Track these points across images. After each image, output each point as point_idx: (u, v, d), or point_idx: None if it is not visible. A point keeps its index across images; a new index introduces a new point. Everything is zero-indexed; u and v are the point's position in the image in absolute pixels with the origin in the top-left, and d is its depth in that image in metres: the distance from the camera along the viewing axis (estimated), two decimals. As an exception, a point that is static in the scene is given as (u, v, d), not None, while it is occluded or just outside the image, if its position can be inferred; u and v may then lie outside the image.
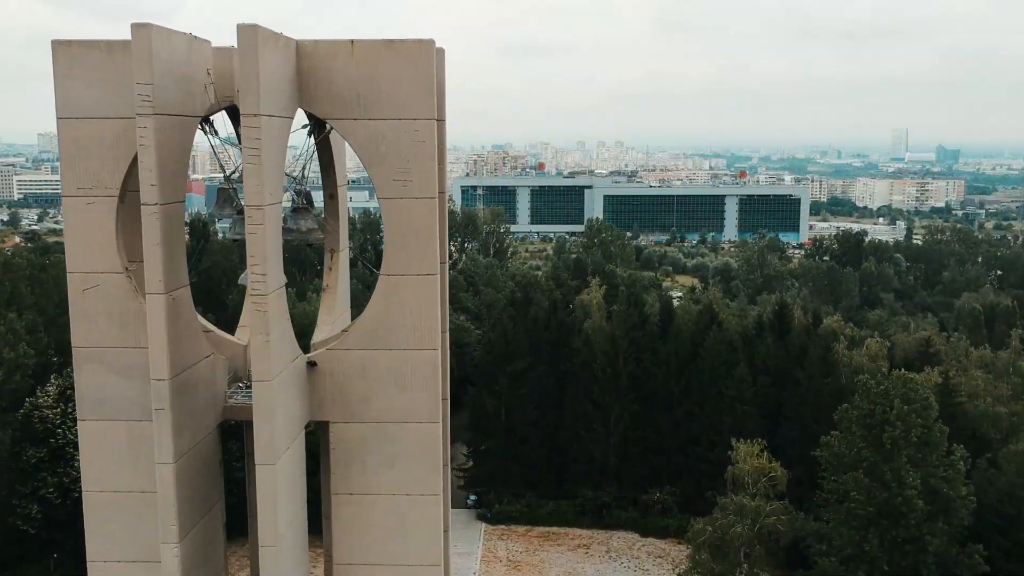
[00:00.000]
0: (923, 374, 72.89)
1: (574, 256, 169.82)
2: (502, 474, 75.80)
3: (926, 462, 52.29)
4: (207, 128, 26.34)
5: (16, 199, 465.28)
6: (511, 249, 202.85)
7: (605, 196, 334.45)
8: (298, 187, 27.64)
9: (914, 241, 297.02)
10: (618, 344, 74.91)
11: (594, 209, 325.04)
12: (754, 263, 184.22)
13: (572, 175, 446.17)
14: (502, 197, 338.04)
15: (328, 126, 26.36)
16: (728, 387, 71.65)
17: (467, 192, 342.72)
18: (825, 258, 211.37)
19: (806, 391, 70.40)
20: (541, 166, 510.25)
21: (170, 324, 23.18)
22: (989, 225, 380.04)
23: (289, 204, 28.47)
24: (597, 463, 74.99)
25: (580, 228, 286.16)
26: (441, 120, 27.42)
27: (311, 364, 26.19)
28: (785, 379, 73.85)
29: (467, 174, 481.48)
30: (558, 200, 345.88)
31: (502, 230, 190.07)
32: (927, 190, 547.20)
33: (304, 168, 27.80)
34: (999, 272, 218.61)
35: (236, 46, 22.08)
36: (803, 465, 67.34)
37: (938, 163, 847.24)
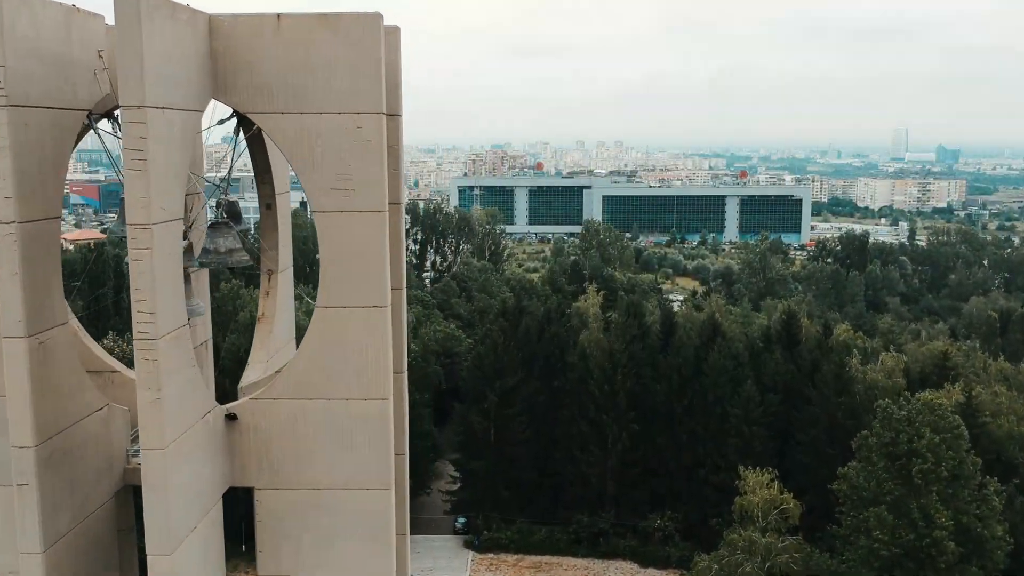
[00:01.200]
0: (943, 391, 68.04)
1: (571, 259, 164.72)
2: (491, 498, 70.69)
3: (957, 498, 47.20)
4: (112, 125, 21.22)
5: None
6: (507, 251, 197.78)
7: (604, 196, 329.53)
8: (222, 197, 22.46)
9: (917, 242, 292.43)
10: (616, 358, 69.79)
11: (593, 209, 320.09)
12: (756, 266, 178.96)
13: (571, 175, 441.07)
14: (500, 197, 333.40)
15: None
16: (734, 406, 66.57)
17: (464, 192, 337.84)
18: (828, 260, 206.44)
19: (819, 411, 65.29)
20: (539, 166, 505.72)
21: (36, 376, 18.03)
22: (992, 226, 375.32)
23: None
24: (593, 487, 69.83)
25: (579, 229, 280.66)
26: (394, 115, 22.33)
27: (230, 417, 21.07)
28: (795, 397, 68.79)
29: (465, 174, 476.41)
30: (556, 200, 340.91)
31: (498, 231, 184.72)
32: (929, 190, 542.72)
33: (229, 172, 22.66)
34: (1006, 275, 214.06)
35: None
36: (816, 491, 62.42)
37: (938, 163, 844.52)
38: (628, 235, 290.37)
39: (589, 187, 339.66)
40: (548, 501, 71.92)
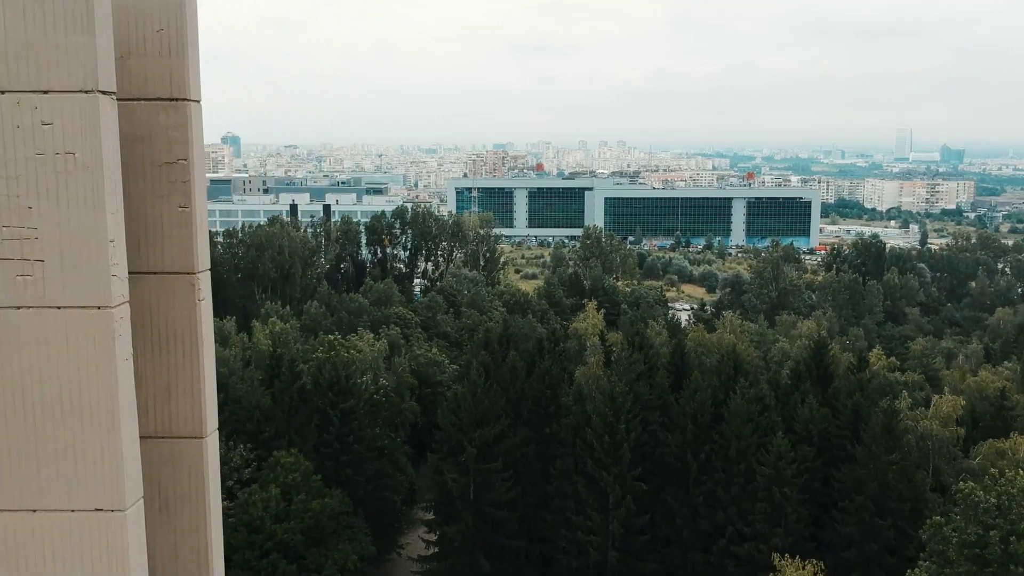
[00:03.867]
0: (1008, 440, 57.04)
1: (570, 271, 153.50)
2: (469, 568, 59.22)
3: (1073, 620, 35.89)
4: None
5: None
6: (503, 258, 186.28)
7: (606, 199, 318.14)
8: None
9: (930, 246, 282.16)
10: (619, 401, 58.32)
11: (595, 212, 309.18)
12: (768, 276, 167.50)
13: (572, 176, 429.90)
14: (499, 199, 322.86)
15: None
16: (762, 462, 55.19)
17: (462, 194, 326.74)
18: (844, 268, 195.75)
19: (865, 472, 53.78)
20: (540, 167, 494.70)
21: None
22: (1005, 228, 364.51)
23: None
24: (591, 557, 58.13)
25: (580, 232, 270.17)
26: (172, 100, 11.08)
27: None
28: (833, 450, 57.49)
29: (465, 174, 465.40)
30: (557, 202, 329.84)
31: (493, 238, 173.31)
32: (937, 191, 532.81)
33: None
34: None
35: None
36: (862, 572, 51.24)
37: (943, 163, 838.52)
38: (631, 238, 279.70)
39: (591, 188, 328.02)
40: (537, 573, 60.54)
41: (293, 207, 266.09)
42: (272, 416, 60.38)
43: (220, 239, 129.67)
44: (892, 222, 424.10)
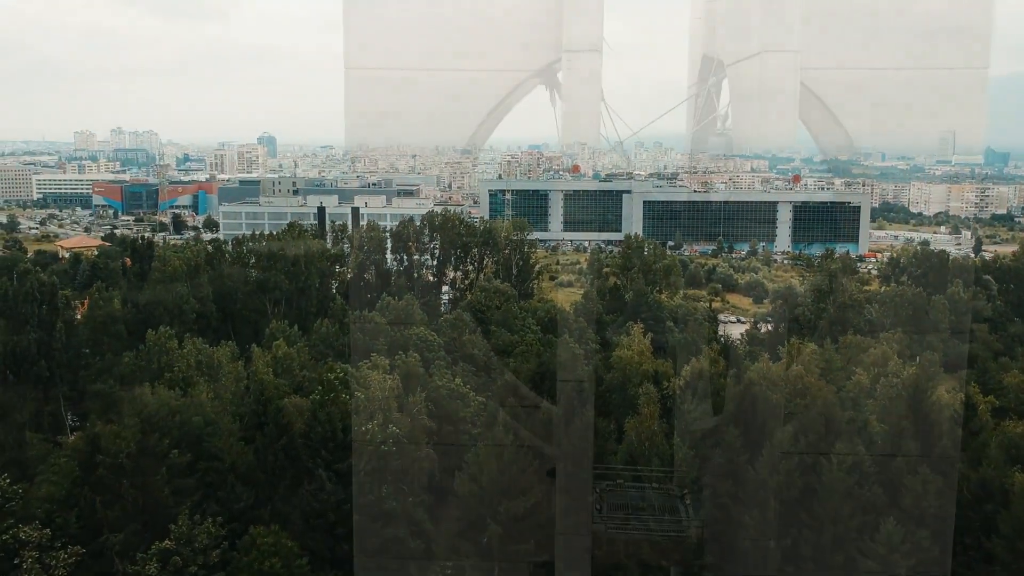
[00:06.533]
0: None
1: (610, 282, 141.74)
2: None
3: None
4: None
5: (36, 199, 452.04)
6: (537, 266, 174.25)
7: (645, 201, 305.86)
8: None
9: (983, 253, 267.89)
10: (683, 471, 46.47)
11: (633, 215, 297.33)
12: (825, 289, 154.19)
13: (609, 178, 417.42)
14: (533, 201, 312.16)
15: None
16: (868, 553, 43.12)
17: (495, 196, 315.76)
18: (902, 279, 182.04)
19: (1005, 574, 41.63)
20: (575, 168, 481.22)
21: None
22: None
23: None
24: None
25: (618, 236, 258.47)
26: None
27: None
28: (957, 533, 45.29)
29: (500, 176, 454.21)
30: (594, 205, 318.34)
31: (527, 248, 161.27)
32: (988, 195, 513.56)
33: None
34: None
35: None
36: None
37: (987, 166, 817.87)
38: (671, 243, 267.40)
39: (629, 192, 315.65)
40: None
41: (321, 210, 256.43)
42: (252, 479, 49.17)
43: (228, 246, 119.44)
44: (941, 227, 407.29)
